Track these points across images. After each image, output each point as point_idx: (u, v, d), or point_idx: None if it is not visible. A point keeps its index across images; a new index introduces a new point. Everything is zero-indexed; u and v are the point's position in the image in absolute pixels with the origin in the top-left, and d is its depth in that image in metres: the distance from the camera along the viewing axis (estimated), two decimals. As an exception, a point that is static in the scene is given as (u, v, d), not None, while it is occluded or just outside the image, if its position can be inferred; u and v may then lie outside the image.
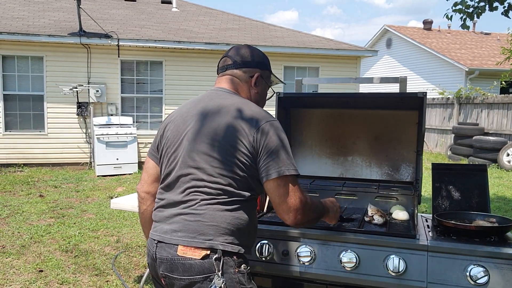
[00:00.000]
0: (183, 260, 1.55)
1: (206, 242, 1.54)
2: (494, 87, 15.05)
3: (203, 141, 1.61)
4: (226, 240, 1.56)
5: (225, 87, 1.78)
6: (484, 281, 1.70)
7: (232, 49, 1.84)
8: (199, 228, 1.56)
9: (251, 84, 1.79)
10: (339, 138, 2.73)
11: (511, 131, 11.25)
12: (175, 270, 1.57)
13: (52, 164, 9.85)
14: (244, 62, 1.78)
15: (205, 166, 1.59)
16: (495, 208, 6.56)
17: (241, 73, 1.78)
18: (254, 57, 1.81)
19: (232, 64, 1.79)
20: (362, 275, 1.85)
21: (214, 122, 1.63)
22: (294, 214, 1.59)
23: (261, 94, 1.85)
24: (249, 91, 1.80)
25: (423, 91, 2.19)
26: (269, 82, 1.89)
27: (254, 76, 1.79)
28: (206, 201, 1.58)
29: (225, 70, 1.81)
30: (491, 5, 5.04)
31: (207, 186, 1.58)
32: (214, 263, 1.53)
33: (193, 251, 1.54)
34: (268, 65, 1.86)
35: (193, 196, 1.60)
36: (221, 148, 1.58)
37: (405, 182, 2.56)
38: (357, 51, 11.44)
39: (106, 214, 6.06)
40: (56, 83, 9.65)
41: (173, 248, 1.57)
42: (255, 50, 1.84)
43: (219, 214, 1.57)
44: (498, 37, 21.33)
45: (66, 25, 10.24)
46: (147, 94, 10.43)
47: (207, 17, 13.07)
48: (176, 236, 1.58)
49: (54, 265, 4.21)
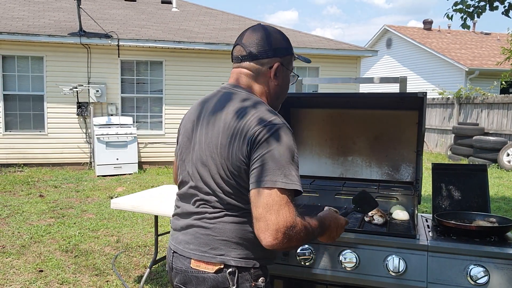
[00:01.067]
0: (197, 274, 1.50)
1: (217, 258, 1.48)
2: (494, 87, 15.06)
3: (205, 153, 1.51)
4: (239, 255, 1.49)
5: (237, 84, 1.59)
6: (484, 281, 1.69)
7: (246, 34, 1.58)
8: (209, 242, 1.50)
9: (270, 76, 1.57)
10: (339, 138, 2.73)
11: (511, 131, 11.25)
12: (189, 283, 1.53)
13: (52, 164, 9.85)
14: (261, 52, 1.54)
15: (208, 180, 1.50)
16: (495, 208, 6.56)
17: (257, 66, 1.56)
18: (271, 44, 1.55)
19: (247, 55, 1.56)
20: (362, 275, 1.85)
21: (215, 131, 1.50)
22: (273, 235, 1.31)
23: (282, 85, 1.63)
24: (268, 84, 1.59)
25: (423, 91, 2.19)
26: (291, 67, 1.65)
27: (273, 67, 1.56)
28: (215, 214, 1.50)
29: (239, 62, 1.59)
30: (491, 4, 5.03)
31: (213, 199, 1.50)
32: (228, 277, 1.47)
33: (206, 265, 1.49)
34: (288, 48, 1.61)
35: (203, 209, 1.53)
36: (222, 160, 1.47)
37: (405, 182, 2.56)
38: (357, 51, 11.44)
39: (106, 214, 6.06)
40: (56, 83, 9.65)
41: (186, 260, 1.53)
42: (272, 33, 1.58)
43: (229, 228, 1.48)
44: (498, 37, 21.33)
45: (66, 25, 10.24)
46: (147, 94, 10.43)
47: (207, 17, 13.07)
48: (188, 249, 1.54)
49: (54, 265, 4.21)
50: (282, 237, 1.31)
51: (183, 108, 10.51)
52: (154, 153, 10.44)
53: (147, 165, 10.38)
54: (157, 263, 3.93)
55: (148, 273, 3.68)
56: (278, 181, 1.34)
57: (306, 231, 1.39)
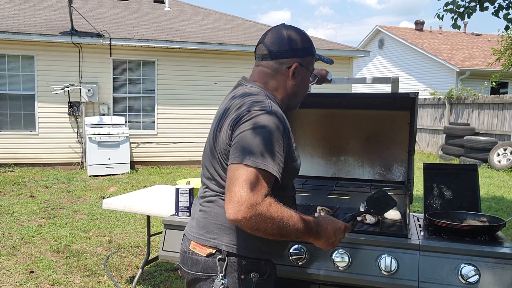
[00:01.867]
0: (192, 255, 1.57)
1: (211, 241, 1.53)
2: (485, 87, 15.19)
3: (209, 141, 1.61)
4: (231, 241, 1.51)
5: (252, 79, 1.65)
6: (475, 280, 1.71)
7: (268, 34, 1.63)
8: (206, 225, 1.57)
9: (288, 76, 1.61)
10: (331, 138, 2.73)
11: (501, 131, 11.35)
12: (185, 264, 1.61)
13: (43, 164, 9.78)
14: (280, 52, 1.58)
15: (208, 164, 1.60)
16: (485, 208, 6.61)
17: (276, 65, 1.60)
18: (291, 44, 1.59)
19: (268, 54, 1.60)
20: (354, 274, 1.86)
21: (216, 120, 1.61)
22: (235, 207, 1.30)
23: (300, 85, 1.65)
24: (285, 83, 1.62)
25: (414, 91, 2.20)
26: (312, 67, 1.69)
27: (291, 67, 1.59)
28: (212, 197, 1.58)
29: (260, 60, 1.63)
30: (481, 5, 5.08)
31: (212, 183, 1.58)
32: (218, 263, 1.50)
33: (200, 247, 1.55)
34: (309, 49, 1.64)
35: (205, 193, 1.62)
36: (216, 145, 1.54)
37: (397, 182, 2.57)
38: (349, 51, 11.49)
39: (98, 214, 6.02)
40: (47, 82, 9.58)
41: (188, 242, 1.61)
42: (294, 34, 1.61)
43: (223, 212, 1.45)
44: (489, 38, 21.52)
45: (58, 24, 10.17)
46: (140, 94, 10.39)
47: (199, 16, 13.04)
48: (191, 232, 1.62)
49: (45, 266, 4.18)
50: (245, 212, 1.29)
51: (176, 108, 10.50)
52: (146, 153, 10.41)
53: (139, 165, 10.33)
54: (149, 264, 3.92)
55: (140, 273, 3.66)
56: (246, 158, 1.35)
57: (281, 218, 1.35)
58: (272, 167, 1.36)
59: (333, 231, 1.53)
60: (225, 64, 10.61)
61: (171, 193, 3.66)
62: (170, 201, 3.35)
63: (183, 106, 10.50)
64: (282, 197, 1.49)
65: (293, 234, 1.41)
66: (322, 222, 1.52)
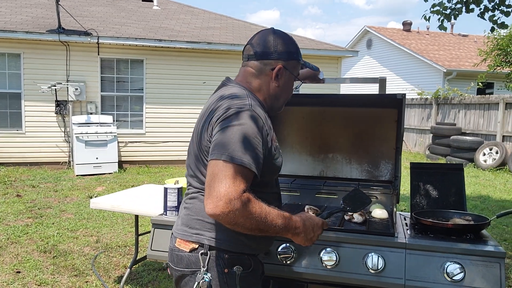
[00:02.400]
0: (177, 252, 1.60)
1: (193, 236, 1.57)
2: (471, 88, 15.37)
3: (192, 140, 1.65)
4: (214, 236, 1.54)
5: (236, 80, 1.69)
6: (460, 277, 1.74)
7: (256, 36, 1.68)
8: (188, 221, 1.60)
9: (271, 77, 1.64)
10: (319, 136, 2.75)
11: (487, 131, 11.50)
12: (172, 261, 1.63)
13: (30, 163, 9.66)
14: (265, 53, 1.63)
15: (192, 162, 1.63)
16: (471, 207, 6.70)
17: (261, 65, 1.64)
18: (277, 47, 1.63)
19: (253, 54, 1.65)
20: (342, 273, 1.88)
21: (200, 119, 1.64)
22: (214, 202, 1.33)
23: (283, 87, 1.68)
24: (269, 84, 1.66)
25: (402, 93, 2.22)
26: (296, 72, 1.72)
27: (275, 69, 1.63)
28: (194, 194, 1.62)
29: (246, 60, 1.68)
30: (467, 7, 5.15)
31: (194, 180, 1.62)
32: (200, 257, 1.53)
33: (184, 243, 1.58)
34: (294, 53, 1.68)
35: (188, 190, 1.66)
36: (199, 144, 1.58)
37: (384, 181, 2.59)
38: (338, 51, 11.54)
39: (85, 214, 5.98)
40: (34, 80, 9.47)
41: (174, 240, 1.64)
42: (281, 37, 1.66)
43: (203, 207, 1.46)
44: (475, 39, 21.79)
45: (45, 22, 10.05)
46: (128, 93, 10.32)
47: (188, 15, 13.00)
48: (176, 229, 1.66)
49: (32, 266, 4.14)
50: (223, 206, 1.32)
51: (164, 107, 10.45)
52: (134, 152, 10.35)
53: (127, 164, 10.27)
54: (137, 263, 3.90)
55: (128, 273, 3.65)
56: (224, 154, 1.38)
57: (259, 213, 1.38)
58: (250, 163, 1.39)
59: (311, 227, 1.58)
60: (214, 63, 10.59)
61: (159, 192, 3.64)
62: (158, 200, 3.34)
63: (172, 105, 10.46)
64: (265, 194, 1.55)
65: (271, 229, 1.44)
66: (300, 218, 1.56)
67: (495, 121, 11.32)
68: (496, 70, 14.88)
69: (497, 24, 5.14)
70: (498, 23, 5.13)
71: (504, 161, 10.42)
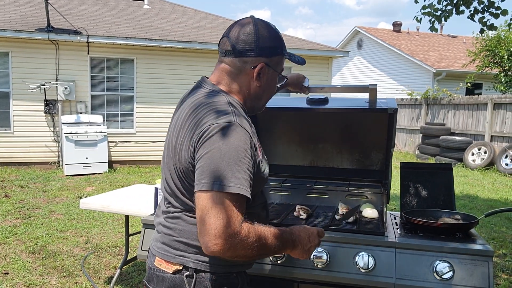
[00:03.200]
0: (157, 272, 1.48)
1: (177, 258, 1.44)
2: (460, 88, 15.52)
3: (168, 153, 1.49)
4: (199, 258, 1.42)
5: (211, 80, 1.51)
6: (449, 276, 1.75)
7: (234, 27, 1.47)
8: (170, 242, 1.47)
9: (252, 76, 1.47)
10: (308, 136, 2.75)
11: (476, 131, 11.62)
12: (151, 281, 1.51)
13: (19, 163, 9.57)
14: (245, 49, 1.43)
15: (168, 179, 1.48)
16: (460, 206, 6.77)
17: (240, 64, 1.46)
18: (259, 42, 1.44)
19: (231, 51, 1.45)
20: (332, 272, 1.88)
21: (171, 129, 1.49)
22: (213, 240, 1.24)
23: (266, 87, 1.52)
24: (249, 84, 1.48)
25: (393, 107, 2.16)
26: (280, 68, 1.53)
27: (256, 68, 1.45)
28: (176, 213, 1.47)
29: (224, 56, 1.48)
30: (457, 8, 5.19)
31: (173, 199, 1.48)
32: (185, 280, 1.42)
33: (166, 264, 1.46)
34: (278, 48, 1.49)
35: (168, 208, 1.51)
36: (175, 160, 1.43)
37: (374, 181, 2.61)
38: (329, 51, 11.58)
39: (75, 214, 5.93)
40: (22, 80, 9.37)
41: (153, 258, 1.52)
42: (262, 30, 1.46)
43: (188, 229, 1.43)
44: (464, 40, 22.01)
45: (34, 20, 9.96)
46: (118, 92, 10.26)
47: (179, 15, 12.95)
48: (155, 247, 1.53)
49: (20, 267, 4.09)
50: (223, 244, 1.23)
51: (155, 107, 10.41)
52: (124, 152, 10.29)
53: (117, 164, 10.21)
54: (127, 264, 3.88)
55: (118, 274, 3.63)
56: (216, 183, 1.26)
57: (258, 240, 1.31)
58: (244, 188, 1.29)
59: (307, 237, 1.50)
60: (205, 63, 10.57)
61: (150, 192, 3.63)
62: (149, 200, 3.33)
63: (162, 104, 10.42)
64: (253, 207, 1.47)
65: (271, 252, 1.41)
66: (295, 230, 1.49)
67: (483, 121, 11.44)
68: (484, 70, 15.05)
69: (487, 26, 5.19)
70: (487, 25, 5.18)
71: (492, 161, 10.53)
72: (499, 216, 6.17)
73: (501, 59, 14.22)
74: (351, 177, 2.63)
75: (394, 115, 2.22)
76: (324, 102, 2.33)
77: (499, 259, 4.54)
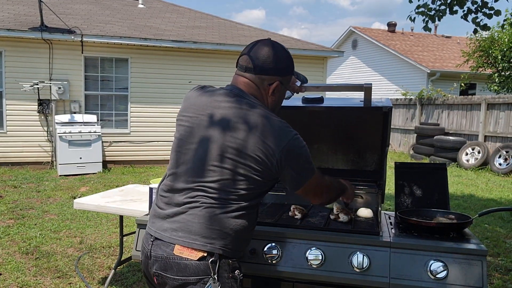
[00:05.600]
0: (179, 260, 1.55)
1: (207, 245, 1.56)
2: (454, 88, 15.61)
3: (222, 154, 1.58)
4: (225, 245, 1.58)
5: (245, 90, 1.69)
6: (443, 275, 1.76)
7: (255, 48, 1.70)
8: (201, 231, 1.56)
9: (268, 92, 1.71)
10: (303, 136, 2.74)
11: (470, 131, 11.68)
12: (169, 269, 1.57)
13: (12, 164, 9.50)
14: (265, 69, 1.67)
15: (209, 172, 1.59)
16: (454, 205, 6.80)
17: (259, 80, 1.68)
18: (277, 63, 1.69)
19: (252, 68, 1.68)
20: (328, 271, 1.88)
21: (237, 134, 1.58)
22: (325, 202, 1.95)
23: (278, 101, 1.78)
24: (266, 98, 1.72)
25: (388, 106, 2.18)
26: (289, 85, 1.82)
27: (272, 85, 1.70)
28: (212, 205, 1.58)
29: (243, 71, 1.70)
30: (451, 8, 5.22)
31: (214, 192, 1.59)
32: (210, 265, 1.54)
33: (190, 251, 1.55)
34: (290, 68, 1.76)
35: (199, 198, 1.59)
36: (242, 162, 1.57)
37: (369, 181, 2.61)
38: (324, 51, 11.60)
39: (68, 214, 5.90)
40: (16, 79, 9.31)
41: (169, 247, 1.58)
42: (279, 52, 1.71)
43: (224, 219, 1.58)
44: (458, 41, 22.13)
45: (27, 19, 9.89)
46: (112, 92, 10.22)
47: (174, 14, 12.92)
48: (175, 236, 1.58)
49: (13, 267, 4.06)
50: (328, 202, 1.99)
51: (149, 107, 10.38)
52: (119, 152, 10.25)
53: (111, 164, 10.17)
54: (122, 264, 3.87)
55: (112, 274, 3.61)
56: (312, 172, 1.75)
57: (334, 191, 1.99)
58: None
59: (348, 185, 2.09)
60: (200, 62, 10.56)
61: (144, 192, 3.62)
62: (143, 200, 3.32)
63: (157, 104, 10.39)
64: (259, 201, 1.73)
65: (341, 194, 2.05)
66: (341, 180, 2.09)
67: (477, 121, 11.50)
68: (478, 71, 15.13)
69: (480, 26, 5.22)
70: (480, 25, 5.20)
71: (486, 161, 10.59)
72: (493, 215, 6.21)
73: (495, 59, 14.31)
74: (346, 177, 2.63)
75: (389, 114, 2.22)
76: (320, 101, 2.33)
77: (493, 258, 4.57)
